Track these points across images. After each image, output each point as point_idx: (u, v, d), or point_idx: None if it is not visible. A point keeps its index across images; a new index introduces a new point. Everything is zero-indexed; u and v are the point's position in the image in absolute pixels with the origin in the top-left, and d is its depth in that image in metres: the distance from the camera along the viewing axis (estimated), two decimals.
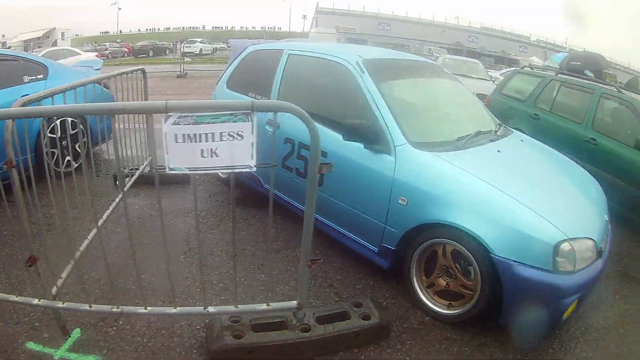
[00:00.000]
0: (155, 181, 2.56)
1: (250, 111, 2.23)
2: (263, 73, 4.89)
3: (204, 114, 2.22)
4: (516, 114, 8.05)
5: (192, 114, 2.21)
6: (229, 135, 2.24)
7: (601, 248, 3.28)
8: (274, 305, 2.83)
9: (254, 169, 2.32)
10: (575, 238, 3.00)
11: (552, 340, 3.45)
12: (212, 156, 2.27)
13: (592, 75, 8.88)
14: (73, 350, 2.81)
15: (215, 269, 3.81)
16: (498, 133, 4.37)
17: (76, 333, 2.93)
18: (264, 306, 2.80)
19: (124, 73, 4.89)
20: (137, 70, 5.45)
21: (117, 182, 4.64)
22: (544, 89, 7.79)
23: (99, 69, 7.34)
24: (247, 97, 4.84)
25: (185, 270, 3.74)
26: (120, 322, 3.06)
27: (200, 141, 2.24)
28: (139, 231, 4.24)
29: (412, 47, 34.67)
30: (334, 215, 3.99)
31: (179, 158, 2.27)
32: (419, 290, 3.52)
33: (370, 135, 3.52)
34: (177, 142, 2.23)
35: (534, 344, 3.34)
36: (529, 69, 9.21)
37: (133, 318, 3.07)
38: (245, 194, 5.20)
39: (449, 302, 3.42)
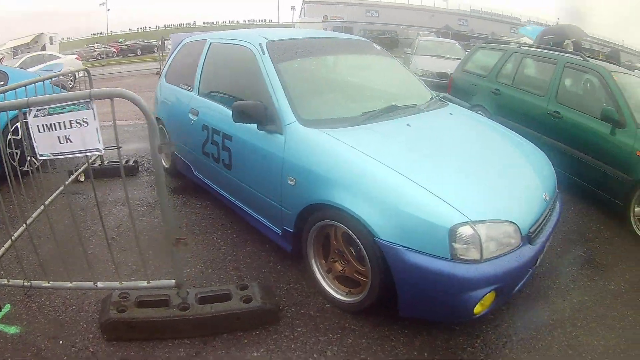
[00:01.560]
0: (90, 173, 3.12)
1: (89, 100, 2.47)
2: (191, 63, 4.90)
3: (54, 106, 2.51)
4: (478, 90, 7.67)
5: (46, 107, 2.52)
6: (77, 122, 2.51)
7: (530, 233, 2.87)
8: (154, 282, 2.96)
9: (102, 151, 2.60)
10: (482, 221, 2.60)
11: (474, 337, 3.05)
12: (67, 142, 2.55)
13: (571, 46, 8.46)
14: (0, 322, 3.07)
15: (135, 252, 3.69)
16: (422, 107, 4.06)
17: (7, 307, 3.20)
18: (144, 283, 2.95)
19: (68, 73, 5.71)
20: (82, 70, 6.27)
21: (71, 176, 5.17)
22: (506, 62, 7.37)
23: (59, 71, 7.87)
24: (180, 88, 4.97)
25: (108, 253, 3.58)
26: (43, 298, 3.31)
27: (56, 130, 2.53)
28: (80, 219, 4.44)
29: (400, 33, 34.37)
30: (244, 198, 3.99)
31: (44, 145, 2.58)
32: (318, 275, 3.35)
33: (261, 116, 3.35)
34: (39, 132, 2.55)
35: (445, 340, 3.00)
36: (491, 43, 8.79)
37: (53, 295, 3.33)
38: (183, 182, 5.48)
39: (349, 289, 3.17)
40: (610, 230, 4.95)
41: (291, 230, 3.38)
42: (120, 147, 3.09)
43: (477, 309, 2.67)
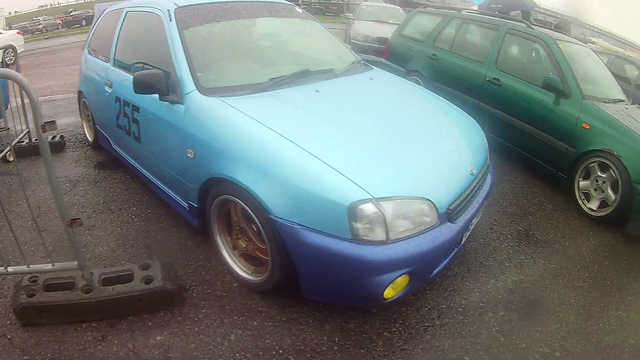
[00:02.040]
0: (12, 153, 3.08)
1: None
2: (108, 34, 4.59)
3: None
4: (414, 55, 7.34)
5: None
6: None
7: (450, 210, 2.58)
8: (58, 265, 2.78)
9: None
10: (388, 197, 2.33)
11: (392, 321, 2.79)
12: None
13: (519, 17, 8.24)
14: None
15: (53, 232, 3.67)
16: (339, 72, 3.77)
17: None
18: (49, 266, 2.77)
19: None
20: (8, 48, 6.95)
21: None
22: (445, 27, 7.04)
23: None
24: (99, 60, 4.70)
25: (27, 234, 3.67)
26: None
27: None
28: (5, 200, 4.14)
29: None
30: (154, 171, 3.78)
31: None
32: (224, 252, 3.13)
33: (162, 86, 3.07)
34: None
35: (360, 324, 2.75)
36: (431, 8, 8.38)
37: None
38: (106, 157, 5.19)
39: (254, 267, 2.99)
40: (554, 203, 4.77)
41: (196, 205, 3.17)
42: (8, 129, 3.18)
43: (388, 293, 2.41)
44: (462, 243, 2.86)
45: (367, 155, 2.60)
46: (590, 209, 4.59)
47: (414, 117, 3.38)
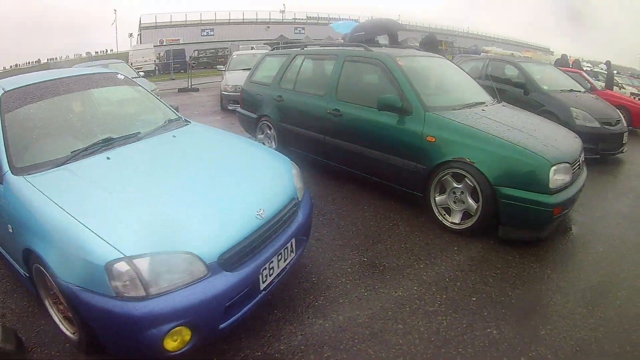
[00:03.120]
0: None
1: None
2: None
3: None
4: (263, 100, 7.49)
5: None
6: None
7: (224, 260, 2.76)
8: None
9: None
10: (141, 255, 2.54)
11: None
12: None
13: (387, 42, 8.54)
14: None
15: None
16: (144, 134, 4.07)
17: None
18: None
19: None
20: None
21: None
22: (288, 66, 7.20)
23: None
24: None
25: None
26: None
27: None
28: None
29: (233, 49, 34.54)
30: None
31: None
32: (52, 314, 3.29)
33: None
34: None
35: None
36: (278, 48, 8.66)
37: None
38: None
39: (75, 327, 3.08)
40: (411, 225, 4.93)
41: (27, 275, 3.30)
42: None
43: (171, 345, 2.60)
44: (265, 289, 3.02)
45: (133, 214, 2.83)
46: (453, 223, 4.77)
47: (205, 169, 3.61)
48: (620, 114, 9.02)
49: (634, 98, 14.69)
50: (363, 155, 5.53)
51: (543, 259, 4.32)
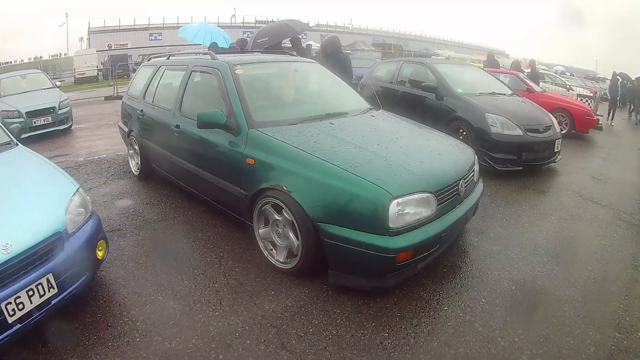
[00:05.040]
0: None
1: None
2: None
3: None
4: (131, 114, 7.04)
5: None
6: None
7: None
8: None
9: None
10: None
11: None
12: None
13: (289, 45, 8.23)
14: None
15: None
16: None
17: None
18: None
19: None
20: None
21: None
22: (153, 78, 6.71)
23: None
24: None
25: None
26: None
27: None
28: None
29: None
30: None
31: None
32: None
33: None
34: None
35: None
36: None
37: None
38: None
39: None
40: (236, 259, 4.42)
41: None
42: None
43: None
44: (18, 322, 2.94)
45: None
46: (278, 260, 4.13)
47: None
48: (553, 118, 8.30)
49: (580, 100, 14.47)
50: (198, 176, 5.07)
51: (383, 317, 3.50)
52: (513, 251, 4.69)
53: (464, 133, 7.78)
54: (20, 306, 2.95)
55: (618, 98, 18.23)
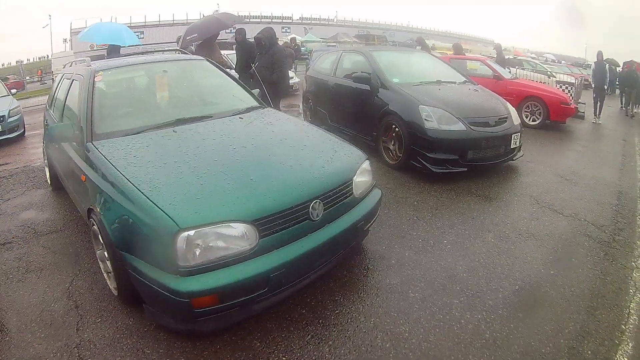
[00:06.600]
0: None
1: None
2: None
3: None
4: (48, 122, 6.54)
5: None
6: None
7: None
8: None
9: None
10: None
11: None
12: None
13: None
14: None
15: None
16: None
17: None
18: None
19: None
20: None
21: None
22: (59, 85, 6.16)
23: None
24: None
25: None
26: None
27: None
28: None
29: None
30: None
31: None
32: None
33: None
34: None
35: None
36: None
37: None
38: None
39: None
40: (86, 279, 4.03)
41: None
42: None
43: None
44: None
45: None
46: (112, 285, 3.74)
47: None
48: (511, 108, 7.05)
49: (559, 87, 13.20)
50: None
51: None
52: (414, 288, 3.63)
53: (397, 130, 6.76)
54: None
55: (606, 87, 14.88)
